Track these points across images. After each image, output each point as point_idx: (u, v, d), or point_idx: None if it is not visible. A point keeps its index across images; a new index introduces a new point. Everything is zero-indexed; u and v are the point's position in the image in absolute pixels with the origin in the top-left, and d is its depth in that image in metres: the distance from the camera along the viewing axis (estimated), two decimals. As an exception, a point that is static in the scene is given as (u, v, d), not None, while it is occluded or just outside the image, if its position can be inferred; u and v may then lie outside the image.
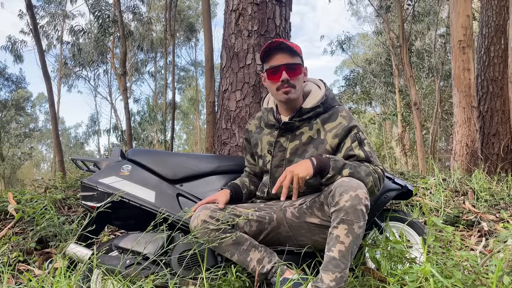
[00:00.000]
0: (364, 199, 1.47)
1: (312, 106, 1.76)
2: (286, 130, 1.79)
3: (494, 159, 5.66)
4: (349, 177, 1.55)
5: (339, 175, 1.58)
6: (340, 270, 1.46)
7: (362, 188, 1.49)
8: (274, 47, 1.73)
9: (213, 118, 4.20)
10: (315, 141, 1.75)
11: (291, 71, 1.72)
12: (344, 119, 1.75)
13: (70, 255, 1.76)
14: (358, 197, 1.46)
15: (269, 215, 1.75)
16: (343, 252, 1.46)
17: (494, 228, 2.74)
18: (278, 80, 1.72)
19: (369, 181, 1.60)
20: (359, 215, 1.46)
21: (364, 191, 1.49)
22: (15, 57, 18.21)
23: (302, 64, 1.78)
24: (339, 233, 1.47)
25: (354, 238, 1.47)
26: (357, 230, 1.47)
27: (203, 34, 5.09)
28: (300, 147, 1.76)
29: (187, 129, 35.29)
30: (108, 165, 2.04)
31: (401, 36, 10.72)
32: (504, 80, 5.77)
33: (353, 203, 1.46)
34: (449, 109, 14.39)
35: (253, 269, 1.64)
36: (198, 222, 1.65)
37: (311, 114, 1.76)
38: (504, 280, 1.37)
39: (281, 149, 1.79)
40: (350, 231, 1.46)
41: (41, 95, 31.40)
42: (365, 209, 1.48)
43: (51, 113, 8.46)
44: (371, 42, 22.99)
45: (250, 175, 2.02)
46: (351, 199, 1.46)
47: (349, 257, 1.48)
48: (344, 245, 1.46)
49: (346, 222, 1.46)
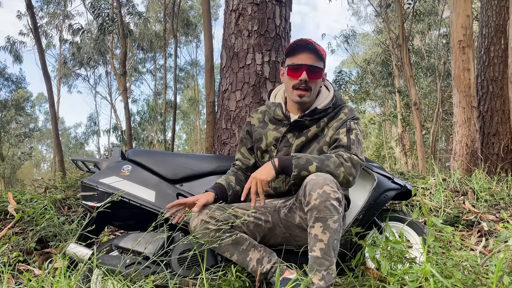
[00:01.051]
0: (332, 193, 1.48)
1: (324, 106, 1.79)
2: (295, 127, 1.80)
3: (494, 159, 5.66)
4: (317, 173, 1.55)
5: (305, 171, 1.58)
6: (326, 267, 1.48)
7: (329, 183, 1.50)
8: (301, 45, 1.73)
9: (213, 118, 4.20)
10: (318, 137, 1.78)
11: (312, 73, 1.73)
12: (345, 115, 1.79)
13: (70, 255, 1.76)
14: (326, 192, 1.47)
15: (265, 216, 1.75)
16: (324, 249, 1.48)
17: (494, 228, 2.74)
18: (297, 78, 1.72)
19: (340, 172, 1.59)
20: (331, 210, 1.47)
21: (330, 185, 1.49)
22: (14, 57, 18.21)
23: (323, 69, 1.80)
24: (316, 231, 1.49)
25: (331, 233, 1.48)
26: (333, 225, 1.48)
27: (203, 34, 5.08)
28: (306, 144, 1.78)
29: (187, 129, 35.30)
30: (109, 165, 2.05)
31: (401, 36, 10.72)
32: (504, 80, 5.77)
33: (321, 199, 1.47)
34: (449, 109, 14.39)
35: (252, 269, 1.64)
36: (198, 222, 1.65)
37: (322, 115, 1.79)
38: (504, 280, 1.37)
39: (287, 144, 1.80)
40: (325, 227, 1.48)
41: (40, 95, 31.41)
42: (336, 203, 1.48)
43: (51, 113, 8.46)
44: (371, 42, 22.99)
45: (238, 173, 1.93)
46: (319, 196, 1.47)
47: (331, 253, 1.49)
48: (323, 242, 1.48)
49: (320, 220, 1.48)
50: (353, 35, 17.09)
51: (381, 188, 1.96)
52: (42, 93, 31.34)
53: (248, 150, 1.96)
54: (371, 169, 2.02)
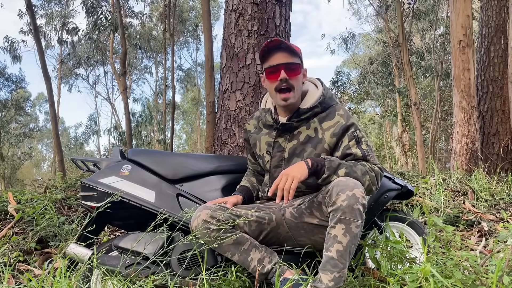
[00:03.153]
0: (361, 198, 1.47)
1: (310, 106, 1.75)
2: (284, 130, 1.79)
3: (494, 159, 5.66)
4: (346, 177, 1.55)
5: (335, 175, 1.58)
6: (339, 270, 1.46)
7: (359, 187, 1.49)
8: (273, 47, 1.71)
9: (213, 118, 4.20)
10: (313, 140, 1.74)
11: (290, 70, 1.70)
12: (341, 118, 1.74)
13: (70, 255, 1.76)
14: (355, 196, 1.46)
15: (269, 216, 1.74)
16: (341, 251, 1.46)
17: (494, 228, 2.74)
18: (276, 79, 1.70)
19: (366, 180, 1.60)
20: (356, 214, 1.46)
21: (361, 190, 1.49)
22: (13, 57, 18.20)
23: (301, 65, 1.78)
24: (337, 233, 1.47)
25: (351, 237, 1.46)
26: (355, 230, 1.47)
27: (203, 34, 5.09)
28: (298, 146, 1.76)
29: (187, 129, 35.29)
30: (108, 165, 2.04)
31: (401, 35, 10.72)
32: (504, 80, 5.77)
33: (350, 202, 1.45)
34: (449, 109, 14.38)
35: (253, 269, 1.64)
36: (199, 222, 1.64)
37: (309, 115, 1.76)
38: (504, 280, 1.37)
39: (280, 149, 1.79)
40: (347, 230, 1.46)
41: (40, 95, 31.39)
42: (362, 208, 1.48)
43: (51, 113, 8.47)
44: (371, 42, 22.99)
45: (255, 173, 2.03)
46: (348, 199, 1.46)
47: (347, 257, 1.48)
48: (342, 244, 1.46)
49: (343, 222, 1.46)
50: (351, 37, 17.10)
51: (381, 188, 1.95)
52: (42, 93, 31.36)
53: (252, 156, 2.00)
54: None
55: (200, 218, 1.65)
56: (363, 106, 18.87)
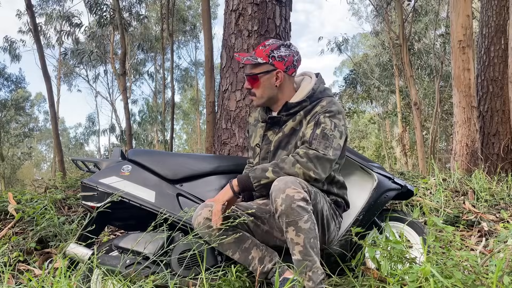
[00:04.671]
0: (296, 195, 1.48)
1: (298, 100, 1.79)
2: (274, 124, 1.84)
3: (494, 159, 5.66)
4: (279, 179, 1.55)
5: (264, 178, 1.60)
6: (309, 268, 1.49)
7: (290, 185, 1.49)
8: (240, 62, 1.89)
9: (213, 118, 4.20)
10: (296, 132, 1.78)
11: (250, 81, 1.81)
12: (321, 108, 1.74)
13: (70, 255, 1.76)
14: (289, 196, 1.48)
15: (263, 218, 1.76)
16: (303, 251, 1.49)
17: (494, 228, 2.74)
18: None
19: (297, 169, 1.59)
20: (298, 211, 1.48)
21: (293, 187, 1.49)
22: (13, 57, 18.19)
23: (265, 73, 1.77)
24: (291, 236, 1.50)
25: (305, 233, 1.49)
26: (305, 225, 1.48)
27: (203, 34, 5.09)
28: (284, 139, 1.79)
29: (187, 129, 35.29)
30: (109, 165, 2.04)
31: (401, 35, 10.73)
32: (504, 80, 5.77)
33: (286, 204, 1.47)
34: (449, 109, 14.38)
35: (254, 267, 1.64)
36: (200, 220, 1.65)
37: (297, 109, 1.78)
38: (504, 280, 1.37)
39: (267, 142, 1.84)
40: (298, 230, 1.48)
41: (39, 95, 31.35)
42: (302, 203, 1.48)
43: (51, 113, 8.47)
44: (371, 42, 22.99)
45: None
46: (283, 201, 1.48)
47: (311, 253, 1.50)
48: (300, 245, 1.49)
49: (291, 224, 1.49)
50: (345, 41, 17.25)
51: (381, 188, 1.96)
52: (40, 93, 31.32)
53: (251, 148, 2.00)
54: (372, 169, 2.02)
55: (201, 217, 1.65)
56: (363, 106, 18.88)
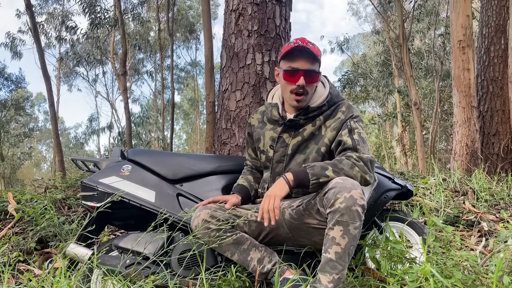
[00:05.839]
0: (359, 199, 1.46)
1: (318, 105, 1.78)
2: (290, 126, 1.81)
3: (494, 159, 5.66)
4: (343, 177, 1.53)
5: (324, 177, 1.56)
6: (338, 271, 1.46)
7: (357, 188, 1.48)
8: (298, 50, 1.72)
9: (213, 118, 4.20)
10: (316, 137, 1.77)
11: (309, 77, 1.73)
12: (342, 114, 1.77)
13: (70, 255, 1.76)
14: (353, 198, 1.45)
15: None
16: (340, 253, 1.46)
17: (494, 228, 2.74)
18: (294, 83, 1.73)
19: (356, 172, 1.59)
20: (354, 216, 1.45)
21: (358, 191, 1.47)
22: (14, 53, 18.14)
23: (319, 71, 1.79)
24: (335, 234, 1.47)
25: (350, 239, 1.46)
26: (353, 231, 1.46)
27: (203, 34, 5.09)
28: (302, 143, 1.78)
29: (187, 129, 35.27)
30: (108, 165, 2.04)
31: (401, 35, 10.73)
32: (504, 80, 5.77)
33: (347, 204, 1.45)
34: (449, 109, 14.38)
35: (253, 268, 1.64)
36: (199, 222, 1.65)
37: (316, 113, 1.79)
38: (504, 280, 1.37)
39: (283, 145, 1.81)
40: (345, 232, 1.46)
41: (39, 95, 31.35)
42: (361, 210, 1.47)
43: (51, 113, 8.47)
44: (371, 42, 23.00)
45: (253, 170, 2.02)
46: (345, 200, 1.45)
47: (346, 258, 1.47)
48: (340, 246, 1.46)
49: (341, 224, 1.46)
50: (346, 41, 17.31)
51: (381, 188, 1.95)
52: (40, 93, 31.31)
53: (253, 150, 1.99)
54: (371, 169, 2.02)
55: (200, 218, 1.65)
56: (363, 106, 18.87)
